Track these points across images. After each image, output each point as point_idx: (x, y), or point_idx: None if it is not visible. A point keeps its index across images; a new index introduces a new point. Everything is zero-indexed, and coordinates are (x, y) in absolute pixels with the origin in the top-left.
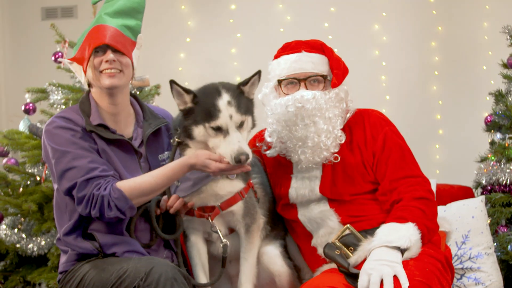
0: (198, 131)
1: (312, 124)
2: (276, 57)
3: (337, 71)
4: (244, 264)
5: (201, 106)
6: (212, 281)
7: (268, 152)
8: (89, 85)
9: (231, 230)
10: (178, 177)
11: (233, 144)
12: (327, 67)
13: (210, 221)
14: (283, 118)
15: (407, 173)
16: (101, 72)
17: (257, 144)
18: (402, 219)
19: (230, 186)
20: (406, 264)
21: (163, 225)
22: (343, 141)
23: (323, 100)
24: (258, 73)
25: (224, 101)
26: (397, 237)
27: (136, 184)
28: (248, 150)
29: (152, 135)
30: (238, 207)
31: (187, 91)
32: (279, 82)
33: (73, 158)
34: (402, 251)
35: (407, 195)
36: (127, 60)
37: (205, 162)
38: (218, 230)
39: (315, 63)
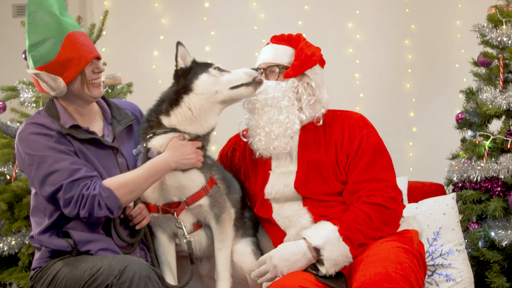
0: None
1: (264, 114)
2: None
3: (296, 62)
4: (219, 255)
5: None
6: (184, 281)
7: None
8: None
9: (197, 227)
10: (162, 173)
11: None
12: (290, 58)
13: (176, 216)
14: (246, 108)
15: (371, 176)
16: (89, 82)
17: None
18: (337, 221)
19: (191, 179)
20: (386, 258)
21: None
22: (295, 129)
23: (276, 89)
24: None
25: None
26: (318, 237)
27: (123, 182)
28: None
29: (124, 132)
30: (204, 200)
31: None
32: None
33: (53, 162)
34: (319, 250)
35: (362, 199)
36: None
37: (182, 153)
38: (183, 226)
39: (277, 54)
